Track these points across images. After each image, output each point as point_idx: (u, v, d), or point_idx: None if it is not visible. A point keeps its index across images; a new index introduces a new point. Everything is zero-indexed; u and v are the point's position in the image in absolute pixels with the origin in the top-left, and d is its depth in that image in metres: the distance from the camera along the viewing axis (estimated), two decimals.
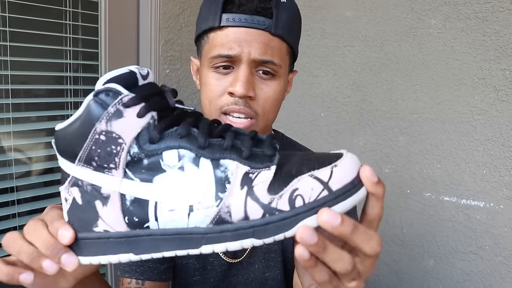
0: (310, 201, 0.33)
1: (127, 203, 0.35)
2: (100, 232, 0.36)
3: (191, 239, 0.35)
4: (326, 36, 1.55)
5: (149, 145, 0.35)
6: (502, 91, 1.19)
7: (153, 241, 0.35)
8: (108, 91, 0.34)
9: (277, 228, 0.33)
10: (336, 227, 0.32)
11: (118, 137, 0.34)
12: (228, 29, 0.61)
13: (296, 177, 0.34)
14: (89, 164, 0.35)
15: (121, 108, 0.34)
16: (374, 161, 1.45)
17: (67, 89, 1.27)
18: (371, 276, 1.48)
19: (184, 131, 0.36)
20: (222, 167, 0.35)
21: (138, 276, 0.70)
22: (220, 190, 0.34)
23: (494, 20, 1.19)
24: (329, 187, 0.33)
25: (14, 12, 1.12)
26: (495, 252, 1.22)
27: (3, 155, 1.14)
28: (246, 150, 0.35)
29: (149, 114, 0.35)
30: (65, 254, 0.36)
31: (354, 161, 0.35)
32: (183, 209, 0.35)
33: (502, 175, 1.20)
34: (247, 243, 0.34)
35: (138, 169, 0.35)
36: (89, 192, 0.36)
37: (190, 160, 0.35)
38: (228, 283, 0.75)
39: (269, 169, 0.35)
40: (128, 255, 0.36)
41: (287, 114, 1.65)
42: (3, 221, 1.14)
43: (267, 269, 0.74)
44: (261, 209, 0.34)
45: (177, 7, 1.48)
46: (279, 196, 0.34)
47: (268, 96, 0.64)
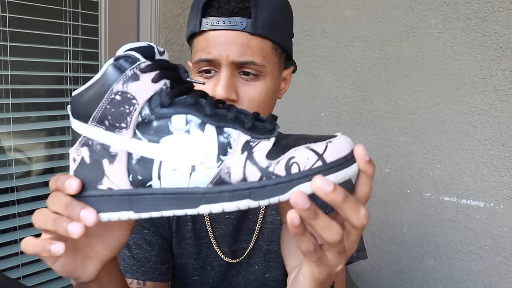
0: (305, 169, 0.35)
1: (133, 161, 0.38)
2: (104, 189, 0.38)
3: (191, 198, 0.37)
4: (326, 36, 1.55)
5: (160, 108, 0.38)
6: (502, 91, 1.19)
7: (154, 200, 0.37)
8: (128, 57, 0.37)
9: (272, 191, 0.35)
10: (328, 193, 0.34)
11: (133, 97, 0.37)
12: (208, 33, 0.61)
13: (293, 147, 0.36)
14: (102, 123, 0.38)
15: (138, 72, 0.37)
16: (374, 161, 1.45)
17: (67, 89, 1.27)
18: (371, 276, 1.48)
19: (193, 99, 0.38)
20: (225, 134, 0.37)
21: (139, 276, 0.70)
22: (222, 153, 0.37)
23: (494, 20, 1.19)
24: (323, 158, 0.35)
25: (14, 12, 1.12)
26: (495, 252, 1.22)
27: (3, 155, 1.14)
28: (248, 122, 0.38)
29: (163, 81, 0.38)
30: (83, 210, 0.37)
31: (348, 141, 0.37)
32: (185, 169, 0.37)
33: (502, 175, 1.20)
34: (243, 204, 0.36)
35: (147, 130, 0.38)
36: (98, 151, 0.38)
37: (196, 125, 0.37)
38: (228, 283, 0.74)
39: (268, 140, 0.37)
40: (128, 213, 0.38)
41: (287, 114, 1.65)
42: (3, 221, 1.14)
43: (267, 270, 0.74)
44: (259, 172, 0.36)
45: (177, 7, 1.48)
46: (276, 162, 0.36)
47: (253, 97, 0.63)
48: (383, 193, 1.43)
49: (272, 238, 0.74)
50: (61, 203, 0.38)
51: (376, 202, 1.45)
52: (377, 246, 1.45)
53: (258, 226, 0.73)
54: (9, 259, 1.15)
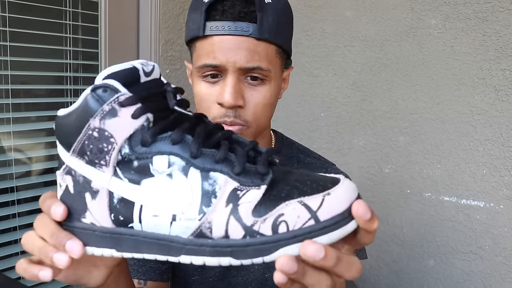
0: (294, 229, 0.32)
1: (115, 201, 0.36)
2: (88, 224, 0.37)
3: (172, 247, 0.35)
4: (326, 36, 1.54)
5: (140, 147, 0.35)
6: (502, 91, 1.19)
7: (135, 242, 0.35)
8: (106, 87, 0.34)
9: (256, 252, 0.33)
10: (319, 260, 0.31)
11: (110, 136, 0.34)
12: (213, 38, 0.60)
13: (284, 202, 0.33)
14: (82, 157, 0.36)
15: (116, 107, 0.34)
16: (374, 161, 1.45)
17: (67, 89, 1.27)
18: (371, 276, 1.48)
19: (177, 137, 0.35)
20: (211, 180, 0.34)
21: (140, 276, 0.70)
22: (205, 204, 0.34)
23: (494, 20, 1.19)
24: (316, 217, 0.32)
25: (14, 12, 1.12)
26: (495, 252, 1.22)
27: (3, 155, 1.14)
28: (238, 165, 0.34)
29: (145, 116, 0.35)
30: (69, 241, 0.36)
31: (349, 190, 0.33)
32: (166, 217, 0.34)
33: (502, 175, 1.20)
34: (225, 261, 0.33)
35: (127, 170, 0.35)
36: (80, 183, 0.36)
37: (179, 168, 0.34)
38: (228, 283, 0.74)
39: (259, 188, 0.33)
40: (111, 251, 0.36)
41: (287, 114, 1.65)
42: (3, 221, 1.14)
43: (267, 270, 0.74)
44: (242, 230, 0.33)
45: (177, 7, 1.48)
46: (263, 220, 0.33)
47: (258, 102, 0.63)
48: (383, 193, 1.43)
49: None
50: (47, 230, 0.37)
51: (376, 202, 1.45)
52: (377, 246, 1.45)
53: None
54: (9, 259, 1.15)
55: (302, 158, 0.79)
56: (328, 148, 1.56)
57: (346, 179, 0.34)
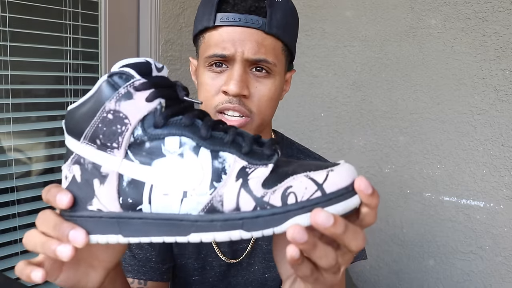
0: (302, 200, 0.33)
1: (124, 183, 0.36)
2: (94, 211, 0.37)
3: (181, 225, 0.35)
4: (326, 36, 1.55)
5: (153, 129, 0.36)
6: (502, 91, 1.19)
7: (143, 224, 0.36)
8: (122, 74, 0.36)
9: (266, 222, 0.34)
10: (328, 227, 0.32)
11: (125, 117, 0.36)
12: (222, 29, 0.62)
13: (292, 176, 0.35)
14: (93, 142, 0.36)
15: (131, 90, 0.36)
16: (374, 161, 1.45)
17: (67, 89, 1.27)
18: (371, 276, 1.48)
19: (188, 120, 0.37)
20: (220, 159, 0.36)
21: (141, 276, 0.70)
22: (216, 180, 0.35)
23: (494, 20, 1.19)
24: (323, 189, 0.33)
25: (14, 12, 1.12)
26: (495, 252, 1.22)
27: (3, 155, 1.14)
28: (246, 146, 0.36)
29: (157, 100, 0.36)
30: (72, 230, 0.36)
31: (351, 170, 0.35)
32: (177, 194, 0.35)
33: (502, 175, 1.20)
34: (235, 235, 0.34)
35: (139, 151, 0.36)
36: (89, 170, 0.37)
37: (190, 148, 0.36)
38: (228, 283, 0.74)
39: (266, 166, 0.35)
40: (117, 237, 0.36)
41: (287, 114, 1.65)
42: (3, 221, 1.14)
43: (267, 270, 0.74)
44: (253, 202, 0.34)
45: (177, 7, 1.48)
46: (272, 191, 0.34)
47: (263, 94, 0.64)
48: (383, 193, 1.43)
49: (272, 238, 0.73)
50: (49, 223, 0.37)
51: None
52: (377, 246, 1.45)
53: None
54: (9, 259, 1.15)
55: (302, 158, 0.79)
56: (328, 148, 1.56)
57: (346, 163, 0.36)
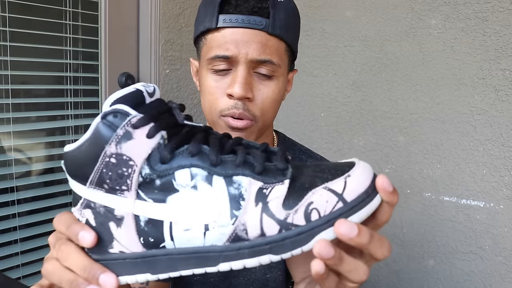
0: (325, 214, 0.33)
1: (142, 224, 0.35)
2: (116, 253, 0.36)
3: (208, 257, 0.34)
4: (326, 36, 1.55)
5: (160, 165, 0.35)
6: (502, 91, 1.19)
7: (169, 260, 0.35)
8: (116, 112, 0.34)
9: (294, 243, 0.33)
10: (353, 238, 0.32)
11: (129, 159, 0.34)
12: (225, 30, 0.61)
13: (311, 190, 0.34)
14: (101, 186, 0.35)
15: (130, 129, 0.34)
16: (374, 161, 1.45)
17: (67, 89, 1.27)
18: (371, 276, 1.48)
19: (195, 149, 0.35)
20: (235, 184, 0.34)
21: None
22: (235, 208, 0.34)
23: (494, 20, 1.19)
24: (343, 199, 0.33)
25: (14, 12, 1.12)
26: (495, 252, 1.22)
27: (3, 155, 1.14)
28: (258, 165, 0.35)
29: (159, 134, 0.35)
30: (103, 274, 0.35)
31: (367, 169, 0.35)
32: (198, 229, 0.34)
33: (502, 175, 1.20)
34: (265, 259, 0.34)
35: (150, 190, 0.35)
36: (102, 214, 0.36)
37: (203, 178, 0.35)
38: (229, 283, 0.74)
39: (282, 183, 0.34)
40: (146, 275, 0.36)
41: (287, 114, 1.65)
42: (3, 221, 1.14)
43: (268, 270, 0.74)
44: (277, 225, 0.33)
45: (177, 7, 1.48)
46: (294, 211, 0.33)
47: (266, 97, 0.63)
48: None
49: None
50: (78, 263, 0.36)
51: None
52: None
53: None
54: (9, 259, 1.15)
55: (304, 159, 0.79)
56: (328, 148, 1.56)
57: (360, 161, 0.35)
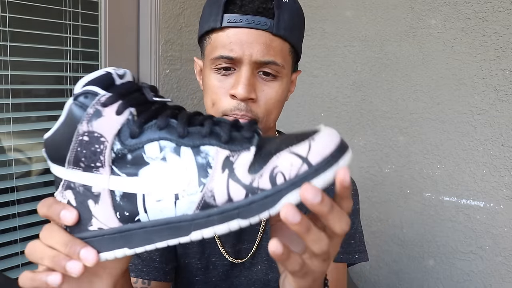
0: (291, 177, 0.33)
1: (117, 198, 0.37)
2: (95, 230, 0.37)
3: (180, 227, 0.36)
4: (326, 36, 1.55)
5: (130, 140, 0.36)
6: (502, 91, 1.19)
7: (145, 233, 0.36)
8: (87, 93, 0.36)
9: (260, 207, 0.34)
10: (316, 204, 0.33)
11: (100, 135, 0.36)
12: (230, 30, 0.61)
13: (275, 154, 0.35)
14: (78, 165, 0.37)
15: (99, 107, 0.36)
16: (374, 161, 1.45)
17: (67, 89, 1.27)
18: (371, 276, 1.48)
19: (163, 122, 0.37)
20: (203, 154, 0.36)
21: (144, 275, 0.70)
22: (203, 176, 0.35)
23: (494, 20, 1.20)
24: (308, 161, 0.33)
25: (14, 12, 1.11)
26: (495, 252, 1.22)
27: (3, 155, 1.14)
28: (224, 134, 0.36)
29: (127, 110, 0.36)
30: (83, 249, 0.37)
31: (332, 134, 0.35)
32: (169, 198, 0.35)
33: (502, 175, 1.20)
34: (234, 225, 0.35)
35: (123, 165, 0.36)
36: (81, 193, 0.37)
37: (171, 150, 0.36)
38: (230, 283, 0.74)
39: (248, 150, 0.35)
40: (123, 250, 0.37)
41: (287, 114, 1.65)
42: (3, 221, 1.14)
43: (269, 270, 0.74)
44: (243, 190, 0.34)
45: (177, 7, 1.48)
46: (259, 175, 0.34)
47: (270, 98, 0.63)
48: (383, 193, 1.43)
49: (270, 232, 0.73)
50: (59, 240, 0.37)
51: (376, 202, 1.45)
52: (377, 246, 1.45)
53: (262, 226, 0.73)
54: (9, 259, 1.15)
55: None
56: None
57: (326, 127, 0.36)
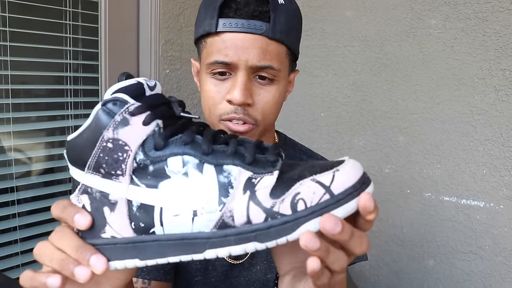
0: (312, 205, 0.33)
1: (134, 209, 0.36)
2: (108, 238, 0.37)
3: (195, 243, 0.35)
4: (326, 36, 1.55)
5: (154, 151, 0.36)
6: (502, 91, 1.19)
7: (158, 246, 0.36)
8: (116, 100, 0.36)
9: (279, 232, 0.34)
10: (336, 234, 0.33)
11: (125, 144, 0.36)
12: (225, 35, 0.60)
13: (298, 181, 0.34)
14: (98, 171, 0.37)
15: (127, 116, 0.36)
16: (374, 161, 1.45)
17: (67, 89, 1.27)
18: (371, 276, 1.48)
19: (188, 138, 0.36)
20: (225, 173, 0.35)
21: (145, 275, 0.70)
22: (223, 195, 0.35)
23: (494, 20, 1.20)
24: (330, 191, 0.33)
25: (14, 12, 1.12)
26: (495, 252, 1.22)
27: (3, 155, 1.14)
28: (249, 156, 0.36)
29: (155, 122, 0.36)
30: (94, 256, 0.36)
31: (356, 166, 0.35)
32: (187, 214, 0.35)
33: (502, 175, 1.20)
34: (250, 247, 0.34)
35: (144, 176, 0.36)
36: (98, 199, 0.37)
37: (194, 166, 0.36)
38: (230, 284, 0.74)
39: (271, 174, 0.35)
40: (134, 261, 0.37)
41: (287, 114, 1.65)
42: (3, 221, 1.14)
43: (269, 271, 0.74)
44: (263, 213, 0.34)
45: (177, 7, 1.48)
46: (281, 200, 0.34)
47: (267, 101, 0.63)
48: (383, 193, 1.43)
49: None
50: (70, 244, 0.37)
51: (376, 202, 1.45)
52: (377, 246, 1.45)
53: None
54: (9, 259, 1.15)
55: (305, 159, 0.79)
56: (328, 148, 1.56)
57: (350, 159, 0.36)
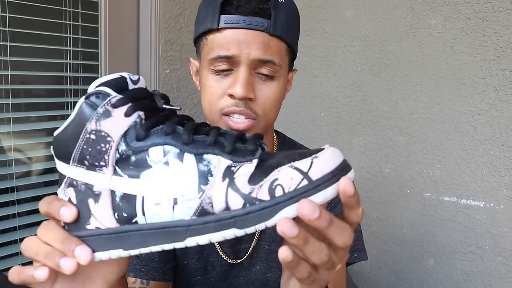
0: (290, 191, 0.34)
1: (117, 199, 0.37)
2: (92, 229, 0.38)
3: (176, 232, 0.36)
4: (326, 36, 1.55)
5: (136, 142, 0.37)
6: (502, 91, 1.19)
7: (140, 236, 0.37)
8: (98, 93, 0.37)
9: (257, 217, 0.34)
10: (313, 220, 0.32)
11: (107, 135, 0.37)
12: (227, 31, 0.61)
13: (277, 168, 0.35)
14: (82, 163, 0.38)
15: (109, 108, 0.37)
16: (374, 161, 1.45)
17: (67, 89, 1.27)
18: (371, 276, 1.48)
19: (169, 128, 0.37)
20: (205, 161, 0.36)
21: (143, 275, 0.70)
22: (203, 183, 0.36)
23: (494, 20, 1.20)
24: (308, 177, 0.34)
25: (14, 12, 1.12)
26: (495, 252, 1.22)
27: (3, 155, 1.14)
28: (228, 145, 0.37)
29: (136, 114, 0.37)
30: (79, 247, 0.36)
31: (336, 152, 0.35)
32: (168, 202, 0.36)
33: (502, 175, 1.20)
34: (229, 234, 0.35)
35: (126, 166, 0.37)
36: (83, 191, 0.38)
37: (174, 155, 0.37)
38: (229, 283, 0.75)
39: (251, 162, 0.36)
40: (118, 251, 0.37)
41: (287, 114, 1.65)
42: (3, 221, 1.14)
43: (268, 270, 0.74)
44: (241, 199, 0.35)
45: (177, 7, 1.48)
46: (259, 186, 0.34)
47: (268, 97, 0.63)
48: (383, 193, 1.43)
49: (274, 238, 0.74)
50: (56, 236, 0.37)
51: (376, 202, 1.45)
52: (377, 246, 1.45)
53: None
54: (9, 259, 1.15)
55: None
56: None
57: (330, 147, 0.36)
